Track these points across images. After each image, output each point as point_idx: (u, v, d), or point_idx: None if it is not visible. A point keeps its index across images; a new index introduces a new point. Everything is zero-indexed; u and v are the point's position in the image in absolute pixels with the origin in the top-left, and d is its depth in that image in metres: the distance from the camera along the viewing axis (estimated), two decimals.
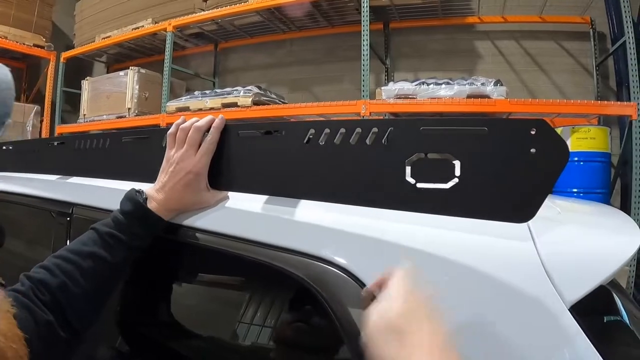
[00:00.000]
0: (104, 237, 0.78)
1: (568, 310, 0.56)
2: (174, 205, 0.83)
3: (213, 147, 0.84)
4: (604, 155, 3.13)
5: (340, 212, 0.72)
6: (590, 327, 0.56)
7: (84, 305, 0.74)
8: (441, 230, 0.66)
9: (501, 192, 0.61)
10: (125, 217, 0.80)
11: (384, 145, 0.67)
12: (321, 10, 4.29)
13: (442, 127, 0.65)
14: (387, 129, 0.66)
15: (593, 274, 0.61)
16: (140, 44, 5.36)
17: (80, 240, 0.79)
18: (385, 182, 0.67)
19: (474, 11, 4.16)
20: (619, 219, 1.01)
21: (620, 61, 3.63)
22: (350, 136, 0.70)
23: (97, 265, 0.76)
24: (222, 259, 0.87)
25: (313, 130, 0.73)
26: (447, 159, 0.64)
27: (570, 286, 0.57)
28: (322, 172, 0.72)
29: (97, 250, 0.76)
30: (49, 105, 5.71)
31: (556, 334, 0.55)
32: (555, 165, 0.58)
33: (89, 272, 0.75)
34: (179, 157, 0.82)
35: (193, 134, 0.83)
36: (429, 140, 0.65)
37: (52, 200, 1.16)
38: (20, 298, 0.67)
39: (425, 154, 0.65)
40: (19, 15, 5.33)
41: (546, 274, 0.57)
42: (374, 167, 0.68)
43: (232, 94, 4.01)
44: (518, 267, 0.59)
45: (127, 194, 0.82)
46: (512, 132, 0.61)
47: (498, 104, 3.18)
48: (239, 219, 0.81)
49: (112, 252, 0.77)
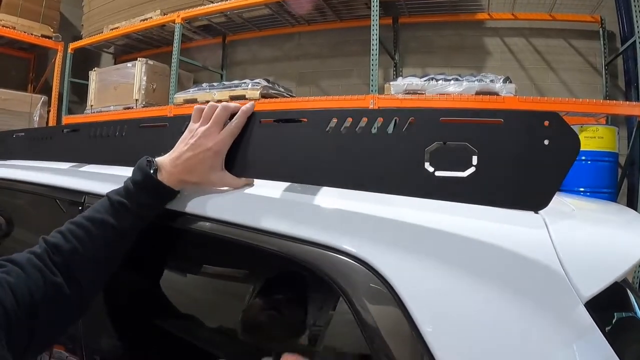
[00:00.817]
0: (114, 205, 0.80)
1: (583, 305, 0.56)
2: (185, 177, 0.83)
3: (237, 131, 0.83)
4: (611, 154, 3.13)
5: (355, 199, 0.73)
6: (604, 323, 0.57)
7: (92, 270, 0.77)
8: (458, 217, 0.66)
9: (516, 180, 0.62)
10: (134, 186, 0.81)
11: (404, 134, 0.67)
12: (330, 4, 4.29)
13: (460, 117, 0.65)
14: (408, 119, 0.67)
15: (608, 270, 0.61)
16: (148, 35, 5.37)
17: (94, 207, 0.82)
18: (405, 169, 0.67)
19: (483, 7, 4.15)
20: (632, 217, 1.01)
21: (630, 61, 3.62)
22: (372, 125, 0.70)
23: (106, 232, 0.78)
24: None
25: (335, 119, 0.74)
26: (464, 148, 0.64)
27: (586, 282, 0.57)
28: (342, 160, 0.72)
29: (107, 217, 0.79)
30: (56, 95, 5.73)
31: (571, 329, 0.56)
32: (568, 156, 0.59)
33: (98, 238, 0.78)
34: (202, 133, 0.82)
35: (220, 112, 0.83)
36: (448, 130, 0.65)
37: (64, 189, 1.15)
38: (34, 259, 0.71)
39: (444, 143, 0.65)
40: (27, 5, 5.34)
41: (563, 270, 0.58)
42: (394, 156, 0.68)
43: (240, 87, 4.01)
44: (534, 261, 0.59)
45: (139, 163, 0.83)
46: (526, 124, 0.62)
47: (507, 101, 3.18)
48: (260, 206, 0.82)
49: (121, 220, 0.79)
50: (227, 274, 1.09)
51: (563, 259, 0.58)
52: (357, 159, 0.71)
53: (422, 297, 0.61)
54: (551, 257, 0.59)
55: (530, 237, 0.62)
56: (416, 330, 0.59)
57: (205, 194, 0.86)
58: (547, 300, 0.57)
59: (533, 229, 0.62)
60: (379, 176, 0.69)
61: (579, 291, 0.56)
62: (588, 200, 1.41)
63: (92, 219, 0.79)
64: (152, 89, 4.76)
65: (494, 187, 0.63)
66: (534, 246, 0.60)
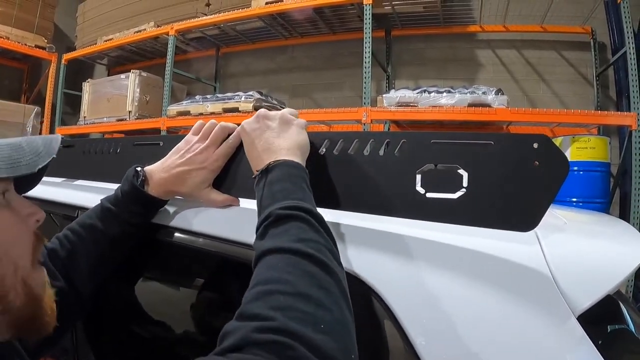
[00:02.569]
0: (104, 211, 0.83)
1: (576, 319, 0.57)
2: (174, 188, 0.84)
3: (231, 151, 0.84)
4: (603, 165, 3.16)
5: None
6: (597, 336, 0.57)
7: (87, 274, 0.80)
8: (447, 234, 0.67)
9: (506, 202, 0.63)
10: (122, 196, 0.83)
11: (396, 156, 0.68)
12: (323, 17, 4.32)
13: (451, 140, 0.67)
14: (400, 141, 0.68)
15: (601, 283, 0.62)
16: (142, 47, 5.37)
17: (88, 212, 0.85)
18: (397, 191, 0.68)
19: (475, 20, 4.19)
20: (623, 229, 1.02)
21: (621, 71, 3.66)
22: (364, 147, 0.71)
23: (97, 238, 0.81)
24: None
25: (328, 141, 0.74)
26: (455, 170, 0.65)
27: (578, 295, 0.58)
28: (334, 181, 0.73)
29: (98, 223, 0.82)
30: (49, 106, 5.71)
31: (564, 342, 0.56)
32: (557, 178, 0.61)
33: (90, 243, 0.81)
34: (199, 149, 0.83)
35: (218, 132, 0.84)
36: (439, 152, 0.67)
37: (57, 203, 1.15)
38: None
39: (435, 165, 0.66)
40: (21, 15, 5.33)
41: (556, 285, 0.58)
42: (386, 177, 0.69)
43: (234, 99, 4.03)
44: (526, 276, 0.60)
45: (127, 173, 0.84)
46: (516, 146, 0.63)
47: (499, 113, 3.20)
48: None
49: (111, 226, 0.82)
50: (218, 287, 1.08)
51: (556, 273, 0.59)
52: (349, 180, 0.72)
53: (413, 307, 0.62)
54: (544, 272, 0.59)
55: (524, 253, 0.62)
56: (407, 342, 0.60)
57: (191, 208, 0.87)
58: (541, 315, 0.57)
59: (526, 245, 0.63)
60: (371, 197, 0.70)
61: (572, 305, 0.57)
62: (579, 211, 1.42)
63: (83, 225, 0.82)
64: (145, 101, 4.76)
65: (483, 209, 0.64)
66: (528, 262, 0.61)
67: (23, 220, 0.61)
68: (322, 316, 0.49)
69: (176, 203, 0.89)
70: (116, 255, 0.85)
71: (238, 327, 0.47)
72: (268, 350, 0.44)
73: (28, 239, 0.61)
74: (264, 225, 0.61)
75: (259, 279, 0.54)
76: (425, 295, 0.62)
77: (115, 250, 0.84)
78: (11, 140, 0.60)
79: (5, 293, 0.55)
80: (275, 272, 0.54)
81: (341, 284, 0.55)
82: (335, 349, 0.47)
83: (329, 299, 0.52)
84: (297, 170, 0.69)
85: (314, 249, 0.56)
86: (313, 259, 0.55)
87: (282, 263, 0.55)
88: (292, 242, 0.57)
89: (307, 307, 0.49)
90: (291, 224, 0.60)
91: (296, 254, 0.55)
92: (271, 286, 0.52)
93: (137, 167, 0.85)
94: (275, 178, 0.67)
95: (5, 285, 0.56)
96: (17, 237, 0.59)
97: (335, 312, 0.51)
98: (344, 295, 0.54)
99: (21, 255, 0.59)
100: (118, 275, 0.87)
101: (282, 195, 0.63)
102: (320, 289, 0.52)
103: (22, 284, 0.58)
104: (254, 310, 0.49)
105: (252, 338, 0.45)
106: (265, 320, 0.47)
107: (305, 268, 0.54)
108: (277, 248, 0.57)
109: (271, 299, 0.50)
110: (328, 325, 0.48)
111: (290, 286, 0.51)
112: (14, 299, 0.56)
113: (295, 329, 0.46)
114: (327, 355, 0.45)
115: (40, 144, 0.61)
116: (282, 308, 0.48)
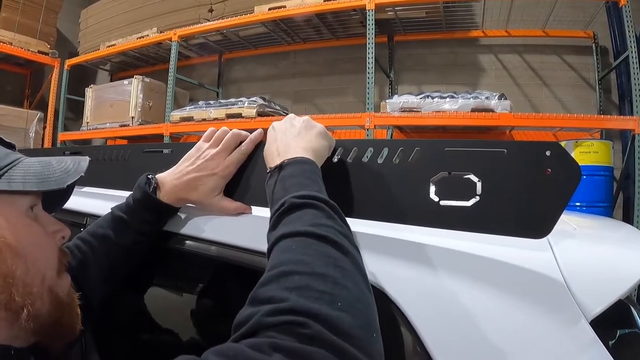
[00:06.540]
0: (116, 220, 0.83)
1: (589, 323, 0.57)
2: (186, 195, 0.84)
3: (243, 158, 0.85)
4: (606, 169, 3.16)
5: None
6: (608, 340, 0.58)
7: (97, 284, 0.80)
8: (460, 242, 0.67)
9: (519, 209, 0.64)
10: (134, 203, 0.83)
11: (410, 164, 0.69)
12: (326, 23, 4.32)
13: (464, 147, 0.67)
14: (414, 149, 0.68)
15: (612, 288, 0.62)
16: (144, 53, 5.38)
17: (98, 221, 0.85)
18: (411, 199, 0.69)
19: (477, 25, 4.19)
20: (629, 232, 1.03)
21: (623, 75, 3.66)
22: (378, 155, 0.72)
23: (108, 247, 0.82)
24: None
25: (341, 148, 0.75)
26: (469, 178, 0.66)
27: (590, 300, 0.58)
28: (348, 189, 0.74)
29: (110, 233, 0.82)
30: (52, 112, 5.72)
31: (577, 347, 0.57)
32: (569, 185, 0.61)
33: (102, 253, 0.81)
34: (210, 155, 0.83)
35: (230, 138, 0.84)
36: (452, 160, 0.67)
37: (65, 210, 1.15)
38: None
39: (449, 173, 0.67)
40: (24, 21, 5.34)
41: (569, 290, 0.59)
42: (400, 185, 0.70)
43: (237, 105, 4.02)
44: (540, 282, 0.60)
45: (139, 181, 0.84)
46: (528, 154, 0.64)
47: (502, 118, 3.20)
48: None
49: (122, 235, 0.82)
50: (230, 296, 1.08)
51: (568, 279, 0.60)
52: (362, 188, 0.72)
53: (427, 314, 0.62)
54: (557, 278, 0.60)
55: (537, 260, 0.63)
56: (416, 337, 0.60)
57: (203, 215, 0.87)
58: (555, 321, 0.58)
59: (539, 252, 0.64)
60: (385, 205, 0.70)
61: (585, 310, 0.57)
62: (586, 216, 1.42)
63: (94, 234, 0.82)
64: (148, 107, 4.76)
65: (497, 216, 0.64)
66: (541, 268, 0.61)
67: (49, 235, 0.63)
68: (338, 294, 0.48)
69: (187, 210, 0.89)
70: (127, 265, 0.85)
71: (251, 313, 0.47)
72: (282, 331, 0.44)
73: (54, 251, 0.63)
74: (278, 214, 0.61)
75: (273, 263, 0.53)
76: (440, 302, 0.62)
77: (126, 260, 0.84)
78: (42, 159, 0.62)
79: (32, 301, 0.56)
80: (290, 254, 0.54)
81: (358, 264, 0.55)
82: (354, 326, 0.46)
83: (346, 277, 0.51)
84: (310, 166, 0.69)
85: (328, 232, 0.56)
86: (328, 239, 0.55)
87: (296, 245, 0.55)
88: (306, 226, 0.56)
89: (323, 286, 0.48)
90: (305, 210, 0.60)
91: (310, 236, 0.55)
92: (285, 267, 0.51)
93: (149, 174, 0.85)
94: (289, 174, 0.67)
95: (32, 294, 0.56)
96: (44, 248, 0.61)
97: (353, 290, 0.50)
98: (362, 274, 0.54)
99: (48, 266, 0.60)
100: (129, 283, 0.87)
101: (297, 187, 0.63)
102: (336, 267, 0.52)
103: (48, 292, 0.59)
104: (268, 292, 0.49)
105: (266, 322, 0.45)
106: (280, 302, 0.47)
107: (320, 249, 0.54)
108: (290, 232, 0.57)
109: (286, 279, 0.50)
110: (345, 302, 0.48)
111: (306, 266, 0.51)
112: (40, 306, 0.57)
113: (309, 307, 0.46)
114: (345, 332, 0.44)
115: (70, 162, 0.64)
116: (297, 288, 0.48)
